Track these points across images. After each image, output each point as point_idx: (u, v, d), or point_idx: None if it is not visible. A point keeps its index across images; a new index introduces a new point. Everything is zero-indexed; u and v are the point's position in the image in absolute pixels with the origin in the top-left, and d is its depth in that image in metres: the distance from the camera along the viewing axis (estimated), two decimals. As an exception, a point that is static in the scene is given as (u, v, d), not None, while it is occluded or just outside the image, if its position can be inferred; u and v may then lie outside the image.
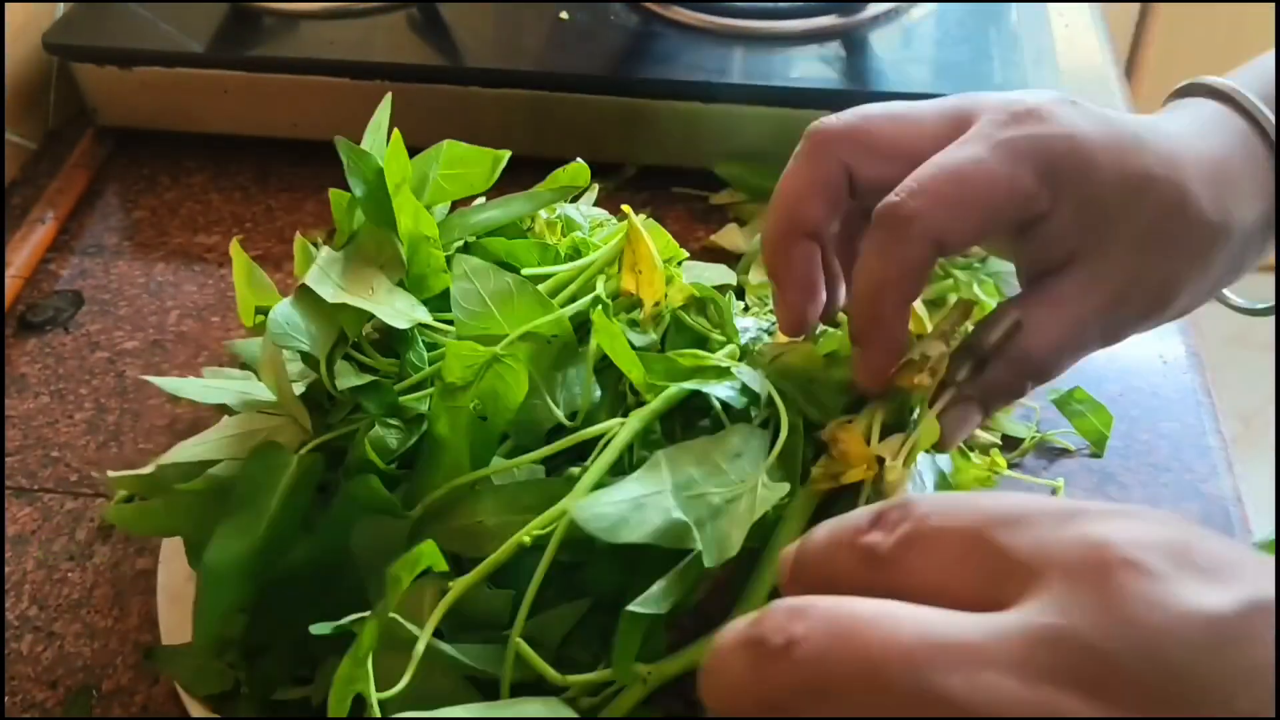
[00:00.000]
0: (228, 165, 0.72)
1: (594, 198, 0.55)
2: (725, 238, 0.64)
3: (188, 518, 0.41)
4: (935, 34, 0.70)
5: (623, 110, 0.66)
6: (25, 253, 0.65)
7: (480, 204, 0.50)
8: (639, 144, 0.67)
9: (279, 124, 0.70)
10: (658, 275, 0.44)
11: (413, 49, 0.68)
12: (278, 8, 0.71)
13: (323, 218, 0.68)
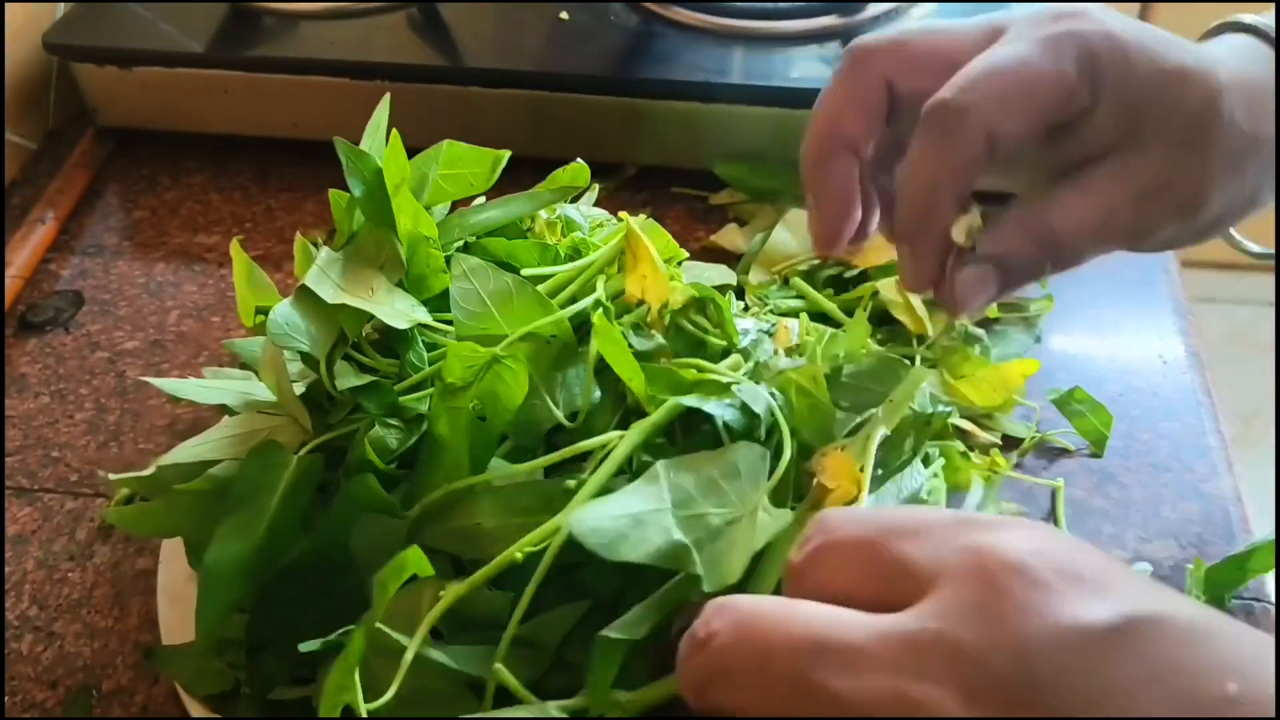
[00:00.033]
0: (228, 165, 0.72)
1: (594, 198, 0.55)
2: (725, 238, 0.64)
3: (188, 518, 0.42)
4: (935, 34, 0.70)
5: (622, 110, 0.66)
6: (25, 253, 0.65)
7: (480, 204, 0.50)
8: (639, 144, 0.67)
9: (279, 124, 0.70)
10: (661, 277, 0.44)
11: (413, 49, 0.68)
12: (278, 8, 0.71)
13: (323, 218, 0.68)
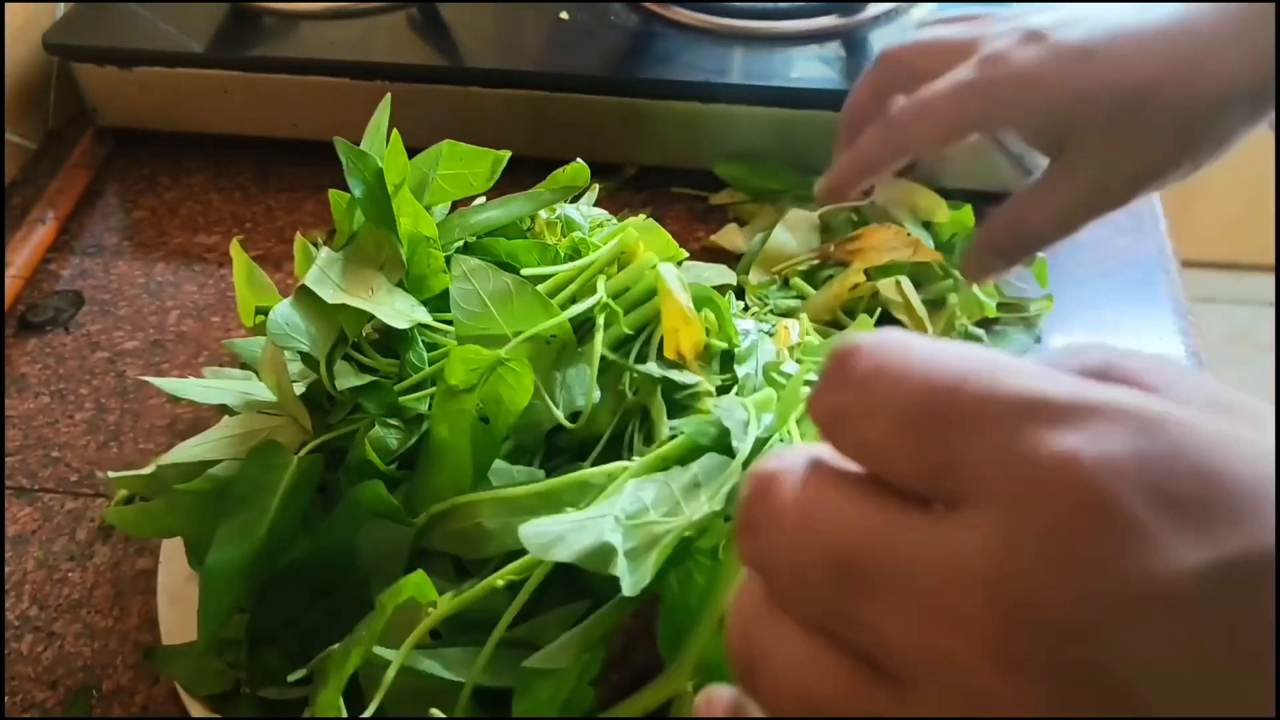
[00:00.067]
0: (228, 165, 0.72)
1: (594, 198, 0.55)
2: (725, 238, 0.64)
3: (188, 518, 0.42)
4: (935, 34, 0.70)
5: (622, 110, 0.66)
6: (25, 253, 0.65)
7: (480, 204, 0.50)
8: (639, 144, 0.67)
9: (279, 124, 0.70)
10: (694, 326, 0.44)
11: (413, 49, 0.68)
12: (278, 8, 0.71)
13: (323, 218, 0.68)
